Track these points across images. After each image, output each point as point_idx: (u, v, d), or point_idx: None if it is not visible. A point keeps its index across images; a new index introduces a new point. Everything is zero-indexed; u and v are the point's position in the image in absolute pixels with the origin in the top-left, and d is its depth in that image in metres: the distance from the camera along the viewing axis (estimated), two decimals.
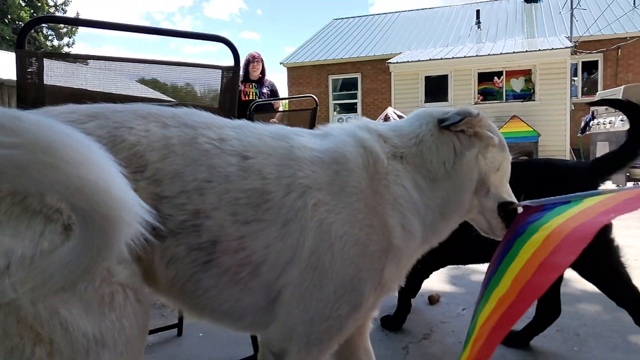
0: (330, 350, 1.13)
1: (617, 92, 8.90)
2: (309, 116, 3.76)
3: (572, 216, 1.14)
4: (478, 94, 14.76)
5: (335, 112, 19.23)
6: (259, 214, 1.02)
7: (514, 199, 1.37)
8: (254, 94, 5.16)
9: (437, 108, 1.39)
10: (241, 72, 5.28)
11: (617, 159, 1.91)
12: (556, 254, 1.07)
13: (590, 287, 2.75)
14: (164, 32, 1.68)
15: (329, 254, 1.05)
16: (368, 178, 1.14)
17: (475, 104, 14.41)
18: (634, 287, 1.78)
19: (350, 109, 19.22)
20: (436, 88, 15.09)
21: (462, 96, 14.64)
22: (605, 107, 8.81)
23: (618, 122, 7.51)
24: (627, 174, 7.56)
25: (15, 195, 0.84)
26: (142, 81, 2.81)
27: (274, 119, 4.39)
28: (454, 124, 1.26)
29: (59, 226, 0.86)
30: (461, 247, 1.66)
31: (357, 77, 19.03)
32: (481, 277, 3.00)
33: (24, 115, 0.66)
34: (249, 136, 1.08)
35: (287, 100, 11.17)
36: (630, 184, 7.35)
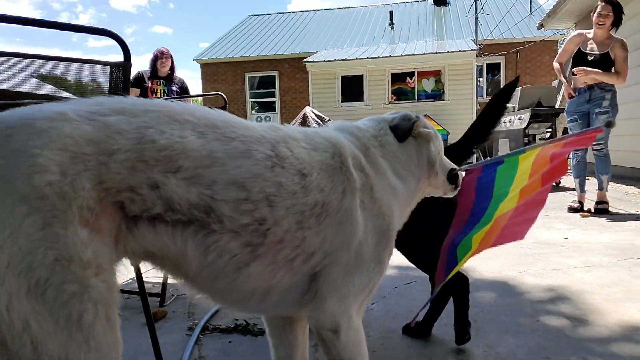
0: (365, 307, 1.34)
1: (516, 93, 9.57)
2: None
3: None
4: (392, 94, 15.25)
5: (253, 111, 19.05)
6: (321, 220, 1.16)
7: (453, 165, 1.68)
8: (162, 91, 4.97)
9: (384, 115, 1.61)
10: (149, 69, 5.08)
11: (464, 145, 2.03)
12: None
13: (487, 275, 2.95)
14: (45, 24, 1.54)
15: (367, 241, 1.25)
16: (380, 178, 1.35)
17: (389, 103, 14.89)
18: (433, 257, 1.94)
19: (268, 107, 19.12)
20: (352, 88, 15.39)
21: (377, 96, 15.06)
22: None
23: (516, 121, 8.06)
24: None
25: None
26: (41, 76, 2.62)
27: None
28: (408, 133, 1.50)
29: (39, 219, 0.81)
30: None
31: (274, 75, 18.96)
32: (391, 273, 3.09)
33: None
34: (300, 152, 1.19)
35: (201, 99, 10.91)
36: None
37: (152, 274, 1.83)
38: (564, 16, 9.91)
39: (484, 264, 3.17)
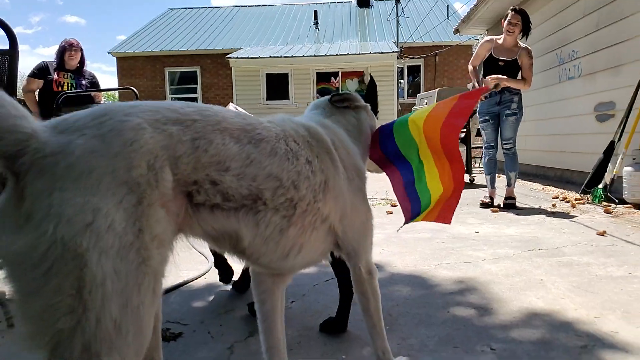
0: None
1: (433, 94, 9.98)
2: None
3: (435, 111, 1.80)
4: (317, 93, 15.38)
5: None
6: (326, 192, 1.49)
7: None
8: (70, 85, 4.64)
9: (323, 98, 1.94)
10: (54, 60, 4.74)
11: None
12: (450, 118, 1.72)
13: (402, 270, 3.03)
14: None
15: (356, 201, 1.63)
16: (348, 149, 1.67)
17: None
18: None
19: None
20: (277, 86, 15.36)
21: (302, 95, 15.12)
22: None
23: None
24: None
25: (107, 166, 0.99)
26: None
27: None
28: (342, 99, 1.88)
29: (134, 198, 1.00)
30: None
31: (196, 71, 18.47)
32: (310, 270, 3.10)
33: None
34: (303, 144, 1.48)
35: (117, 94, 10.39)
36: None
37: None
38: (477, 22, 10.46)
39: (400, 259, 3.26)
